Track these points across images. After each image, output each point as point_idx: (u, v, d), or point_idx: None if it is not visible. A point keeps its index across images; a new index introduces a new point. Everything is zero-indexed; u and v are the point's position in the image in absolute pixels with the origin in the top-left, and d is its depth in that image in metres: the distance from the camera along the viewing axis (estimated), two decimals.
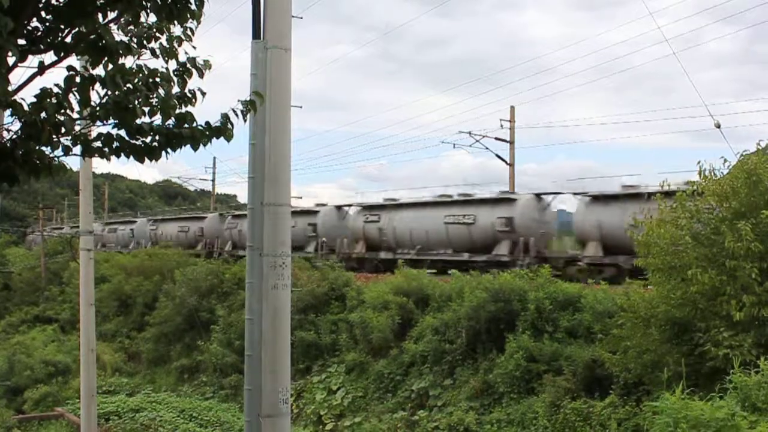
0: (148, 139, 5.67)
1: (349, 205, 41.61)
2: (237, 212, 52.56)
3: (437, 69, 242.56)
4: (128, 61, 5.65)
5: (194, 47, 6.05)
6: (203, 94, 5.93)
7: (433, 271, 31.58)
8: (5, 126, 5.40)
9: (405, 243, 35.11)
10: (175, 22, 5.83)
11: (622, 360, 15.34)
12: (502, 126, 41.62)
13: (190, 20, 5.90)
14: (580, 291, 20.69)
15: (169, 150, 5.77)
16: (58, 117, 5.22)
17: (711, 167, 13.85)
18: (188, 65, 5.93)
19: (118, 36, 5.62)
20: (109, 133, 5.60)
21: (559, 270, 26.67)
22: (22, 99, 5.11)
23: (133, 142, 5.65)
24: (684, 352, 13.17)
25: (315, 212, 42.58)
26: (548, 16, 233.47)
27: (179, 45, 5.96)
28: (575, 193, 30.50)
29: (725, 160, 13.82)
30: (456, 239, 32.46)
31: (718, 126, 17.73)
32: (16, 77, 5.29)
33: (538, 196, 31.39)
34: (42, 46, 5.42)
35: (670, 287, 13.91)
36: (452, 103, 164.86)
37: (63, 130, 5.27)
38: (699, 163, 13.85)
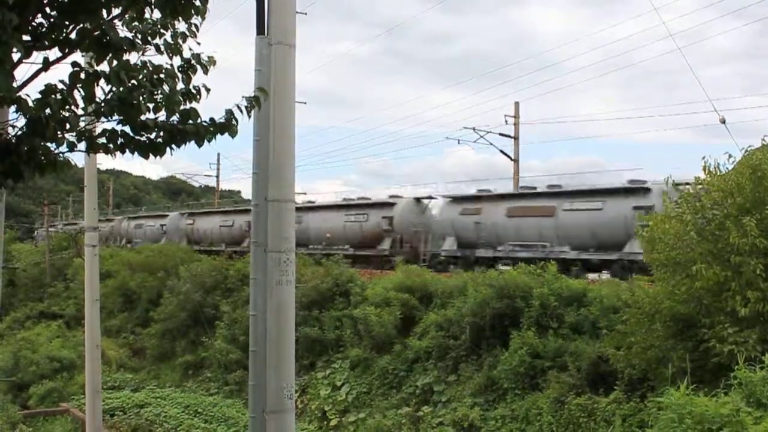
0: (153, 135, 5.68)
1: (430, 197, 38.76)
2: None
3: (442, 65, 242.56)
4: (133, 58, 5.66)
5: (198, 43, 6.05)
6: (208, 90, 5.93)
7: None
8: (10, 122, 5.40)
9: (505, 237, 31.04)
10: (180, 18, 5.84)
11: (627, 356, 15.33)
12: (506, 122, 41.62)
13: (195, 16, 5.90)
14: (585, 287, 20.69)
15: (173, 146, 5.77)
16: (63, 113, 5.23)
17: (716, 163, 13.83)
18: (193, 61, 5.93)
19: (123, 32, 5.62)
20: (113, 129, 5.61)
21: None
22: (27, 95, 5.12)
23: (138, 138, 5.65)
24: (688, 348, 13.16)
25: (390, 205, 38.49)
26: (553, 11, 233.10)
27: (184, 41, 5.96)
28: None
29: (730, 156, 13.80)
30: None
31: (723, 122, 17.75)
32: (20, 73, 5.30)
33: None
34: (46, 42, 5.42)
35: (675, 283, 13.90)
36: (457, 99, 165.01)
37: (68, 126, 5.28)
38: (704, 158, 13.84)
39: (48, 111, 5.12)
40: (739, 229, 12.41)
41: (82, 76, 5.32)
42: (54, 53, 5.46)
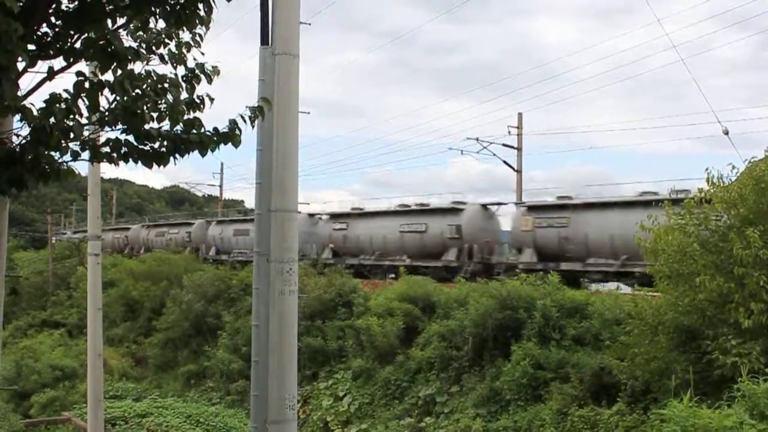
0: (157, 145, 5.69)
1: (499, 203, 35.64)
2: (338, 211, 43.39)
3: (447, 75, 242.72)
4: (137, 67, 5.67)
5: (203, 53, 6.07)
6: (211, 99, 5.95)
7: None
8: (14, 131, 5.42)
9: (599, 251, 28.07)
10: (184, 28, 5.86)
11: (630, 367, 15.30)
12: (509, 132, 41.61)
13: (199, 26, 5.92)
14: (588, 298, 20.67)
15: (177, 155, 5.78)
16: (67, 122, 5.24)
17: (719, 174, 13.83)
18: (197, 71, 5.95)
19: (127, 42, 5.64)
20: (117, 139, 5.62)
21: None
22: (32, 104, 5.13)
23: (142, 147, 5.66)
24: (692, 359, 13.13)
25: (457, 211, 34.92)
26: (559, 22, 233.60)
27: (188, 51, 5.98)
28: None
29: (733, 167, 13.80)
30: None
31: (727, 133, 17.78)
32: (25, 82, 5.32)
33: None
34: (51, 52, 5.44)
35: (678, 294, 13.88)
36: (461, 109, 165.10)
37: (72, 135, 5.29)
38: (707, 169, 13.84)
39: (52, 120, 5.14)
40: (742, 240, 12.40)
41: (87, 85, 5.34)
42: (59, 62, 5.49)
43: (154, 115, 5.67)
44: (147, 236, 64.06)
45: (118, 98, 5.49)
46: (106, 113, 5.52)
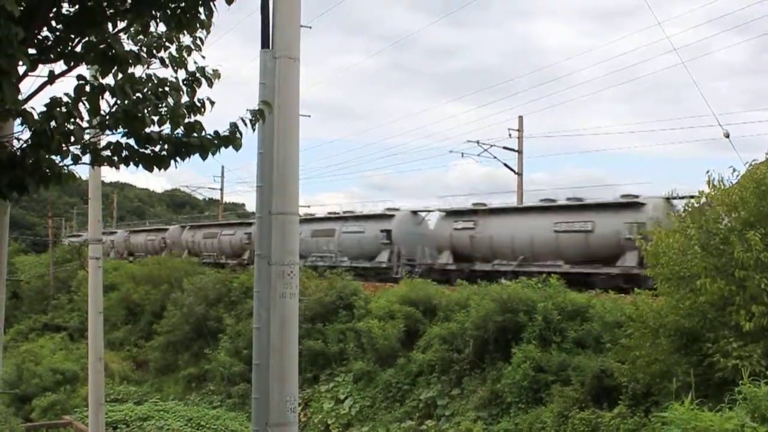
0: (157, 148, 5.70)
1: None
2: (424, 209, 38.86)
3: (447, 78, 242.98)
4: (138, 71, 5.68)
5: (203, 57, 6.08)
6: (212, 103, 5.95)
7: None
8: (15, 135, 5.42)
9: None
10: (185, 31, 5.87)
11: (631, 370, 15.29)
12: (510, 135, 41.62)
13: (200, 30, 5.93)
14: (589, 301, 20.66)
15: (177, 159, 5.79)
16: (68, 126, 5.25)
17: (720, 177, 13.82)
18: (197, 74, 5.96)
19: (128, 45, 5.66)
20: (118, 142, 5.63)
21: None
22: (32, 108, 5.14)
23: (142, 150, 5.67)
24: (693, 362, 13.12)
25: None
26: (559, 25, 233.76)
27: (188, 54, 5.99)
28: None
29: (734, 170, 13.80)
30: None
31: (727, 136, 17.76)
32: (26, 86, 5.33)
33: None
34: (52, 56, 5.46)
35: (679, 297, 13.87)
36: (462, 112, 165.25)
37: (72, 138, 5.30)
38: (708, 172, 13.83)
39: (53, 124, 5.14)
40: (743, 243, 12.39)
41: (87, 89, 5.34)
42: (59, 66, 5.50)
43: (155, 118, 5.68)
44: (192, 239, 58.79)
45: (118, 102, 5.50)
46: (107, 117, 5.53)
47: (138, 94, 5.60)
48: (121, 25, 5.63)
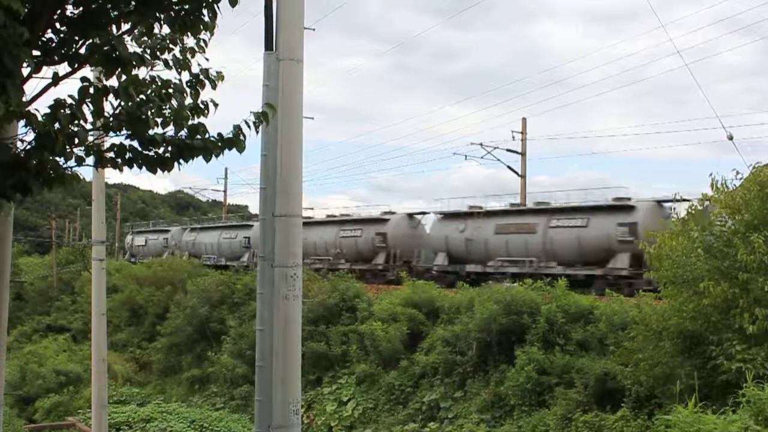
0: (161, 150, 5.69)
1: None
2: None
3: (452, 80, 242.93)
4: (141, 73, 5.68)
5: (207, 59, 6.08)
6: (216, 105, 5.95)
7: None
8: (19, 136, 5.43)
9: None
10: (189, 33, 5.87)
11: (634, 373, 15.28)
12: (513, 137, 41.59)
13: (203, 32, 5.93)
14: (593, 303, 20.64)
15: (181, 161, 5.78)
16: (72, 128, 5.24)
17: (723, 179, 13.82)
18: (201, 76, 5.96)
19: (132, 47, 5.65)
20: (122, 144, 5.63)
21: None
22: (36, 110, 5.14)
23: (146, 152, 5.66)
24: (696, 365, 13.11)
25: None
26: (564, 27, 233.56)
27: (192, 56, 5.99)
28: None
29: (737, 173, 13.79)
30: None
31: (731, 138, 17.74)
32: (30, 88, 5.33)
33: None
34: (56, 57, 5.46)
35: (683, 300, 13.87)
36: (466, 114, 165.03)
37: (76, 140, 5.29)
38: (711, 175, 13.82)
39: (57, 125, 5.14)
40: (747, 246, 12.38)
41: (91, 90, 5.34)
42: (63, 68, 5.50)
43: (159, 120, 5.68)
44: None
45: (122, 104, 5.50)
46: (111, 119, 5.53)
47: (142, 96, 5.60)
48: (125, 27, 5.63)
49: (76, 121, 5.28)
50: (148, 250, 64.25)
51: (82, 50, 5.50)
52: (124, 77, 5.54)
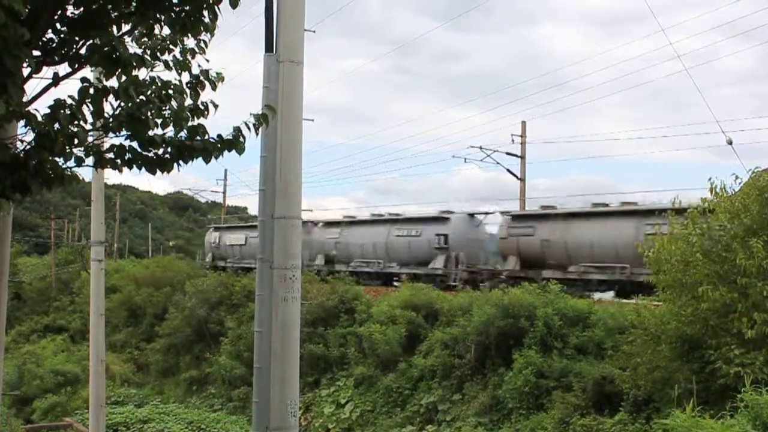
0: (161, 151, 5.69)
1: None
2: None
3: (452, 82, 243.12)
4: (142, 73, 5.68)
5: (207, 60, 6.08)
6: (215, 106, 5.95)
7: None
8: (19, 136, 5.43)
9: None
10: (189, 34, 5.87)
11: (632, 376, 15.26)
12: (513, 141, 41.53)
13: (204, 33, 5.93)
14: (590, 307, 20.64)
15: (180, 162, 5.78)
16: (72, 128, 5.25)
17: (722, 184, 13.82)
18: (201, 77, 5.96)
19: (132, 48, 5.66)
20: (121, 145, 5.63)
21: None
22: (36, 110, 5.15)
23: (146, 153, 5.66)
24: (694, 369, 13.10)
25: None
26: (565, 30, 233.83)
27: (192, 57, 5.99)
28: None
29: (737, 177, 13.79)
30: None
31: (730, 142, 17.76)
32: (30, 88, 5.33)
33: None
34: (56, 58, 5.46)
35: (681, 304, 13.86)
36: (466, 117, 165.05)
37: (76, 141, 5.30)
38: (710, 179, 13.83)
39: (57, 126, 5.14)
40: (745, 250, 12.37)
41: (91, 91, 5.35)
42: (64, 68, 5.50)
43: (159, 121, 5.68)
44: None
45: (122, 104, 5.50)
46: (111, 119, 5.53)
47: (142, 97, 5.60)
48: (126, 27, 5.63)
49: (76, 122, 5.28)
50: (250, 250, 46.43)
51: (83, 51, 5.50)
52: (124, 78, 5.54)
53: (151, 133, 5.62)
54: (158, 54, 5.83)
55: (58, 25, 5.38)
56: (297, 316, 8.09)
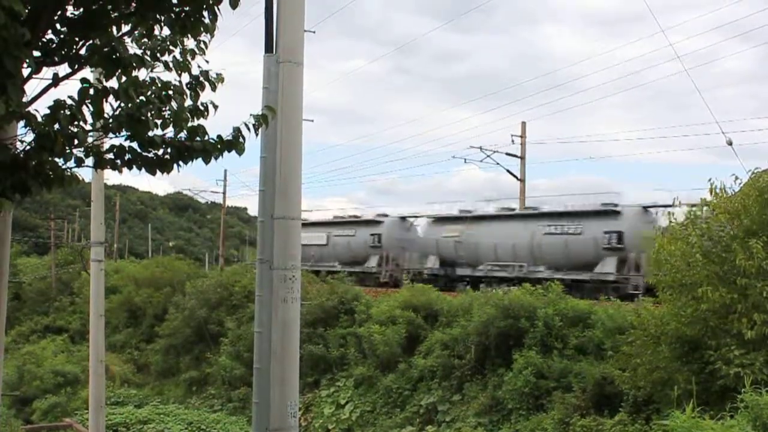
0: (160, 152, 5.69)
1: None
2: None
3: (452, 83, 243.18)
4: (141, 74, 5.68)
5: (207, 61, 6.08)
6: (215, 107, 5.95)
7: None
8: (19, 137, 5.43)
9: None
10: (189, 35, 5.87)
11: (632, 377, 15.26)
12: (513, 141, 41.51)
13: (204, 33, 5.92)
14: (590, 308, 20.63)
15: (180, 162, 5.78)
16: (72, 129, 5.24)
17: (722, 185, 13.82)
18: (201, 78, 5.96)
19: (132, 49, 5.65)
20: (121, 145, 5.63)
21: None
22: (36, 110, 5.14)
23: (145, 154, 5.66)
24: (694, 370, 13.10)
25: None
26: (565, 31, 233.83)
27: (192, 58, 5.99)
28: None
29: (736, 178, 13.79)
30: None
31: (730, 143, 17.77)
32: (30, 89, 5.33)
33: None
34: (56, 58, 5.46)
35: (681, 305, 13.85)
36: (466, 117, 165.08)
37: (76, 141, 5.29)
38: (710, 180, 13.83)
39: (57, 126, 5.14)
40: (745, 251, 12.38)
41: (91, 92, 5.34)
42: (64, 69, 5.50)
43: (158, 122, 5.68)
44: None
45: (122, 105, 5.50)
46: (111, 120, 5.53)
47: (142, 98, 5.60)
48: (126, 28, 5.62)
49: (76, 122, 5.28)
50: (334, 251, 42.55)
51: (83, 51, 5.50)
52: (124, 78, 5.54)
53: (151, 133, 5.62)
54: (158, 55, 5.83)
55: (58, 26, 5.38)
56: (297, 316, 8.08)
